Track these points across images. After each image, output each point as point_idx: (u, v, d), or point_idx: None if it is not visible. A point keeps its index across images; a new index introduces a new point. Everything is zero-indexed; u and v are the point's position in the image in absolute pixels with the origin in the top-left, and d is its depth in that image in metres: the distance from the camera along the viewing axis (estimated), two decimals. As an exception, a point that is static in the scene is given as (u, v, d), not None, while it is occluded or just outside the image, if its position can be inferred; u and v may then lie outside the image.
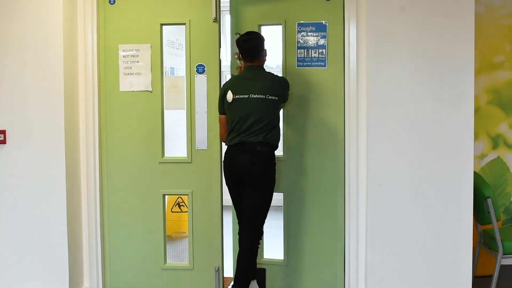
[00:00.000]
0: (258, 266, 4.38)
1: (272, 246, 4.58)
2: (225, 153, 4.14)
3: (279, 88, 4.13)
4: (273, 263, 4.53)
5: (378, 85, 4.00)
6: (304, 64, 4.42)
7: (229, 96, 4.12)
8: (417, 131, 3.99)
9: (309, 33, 4.39)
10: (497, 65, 5.03)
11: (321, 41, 4.35)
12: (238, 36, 4.34)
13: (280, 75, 4.34)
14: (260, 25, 4.46)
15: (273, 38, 4.54)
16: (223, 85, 4.21)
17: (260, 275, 4.40)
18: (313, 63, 4.39)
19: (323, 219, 4.36)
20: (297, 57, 4.42)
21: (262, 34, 4.33)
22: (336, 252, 4.32)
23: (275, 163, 4.11)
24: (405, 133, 3.99)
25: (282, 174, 4.42)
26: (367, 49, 3.99)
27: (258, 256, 4.26)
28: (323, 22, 4.33)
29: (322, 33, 4.34)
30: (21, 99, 4.08)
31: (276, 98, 4.10)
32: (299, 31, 4.43)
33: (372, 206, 4.04)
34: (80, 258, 4.33)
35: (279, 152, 4.41)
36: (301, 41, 4.42)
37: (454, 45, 3.97)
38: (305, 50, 4.41)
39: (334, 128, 4.26)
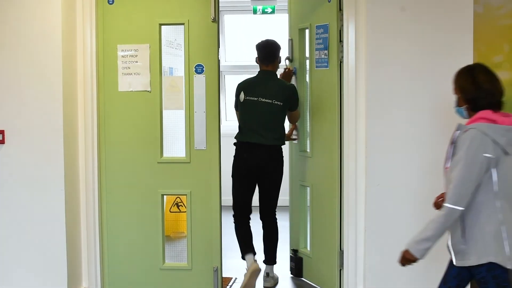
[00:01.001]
0: (298, 255, 4.87)
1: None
2: (237, 148, 4.64)
3: (284, 94, 4.57)
4: (305, 254, 4.82)
5: (377, 85, 4.00)
6: (318, 65, 4.53)
7: (241, 96, 4.65)
8: (416, 131, 3.99)
9: (320, 35, 4.45)
10: (496, 65, 5.00)
11: (326, 42, 4.37)
12: (291, 41, 4.89)
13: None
14: (299, 29, 4.77)
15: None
16: (238, 84, 4.72)
17: (297, 263, 4.83)
18: (322, 64, 4.45)
19: (329, 216, 4.43)
20: (315, 58, 4.53)
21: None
22: (335, 251, 4.34)
23: (283, 156, 4.66)
24: (404, 133, 4.00)
25: (308, 170, 4.72)
26: (366, 50, 3.99)
27: (298, 245, 4.89)
28: (327, 23, 4.34)
29: (326, 35, 4.36)
30: (19, 99, 4.08)
31: (281, 104, 4.55)
32: (316, 33, 4.49)
33: (371, 206, 4.05)
34: (79, 258, 4.32)
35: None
36: (316, 43, 4.50)
37: (453, 46, 3.98)
38: (318, 51, 4.49)
39: (336, 128, 4.29)
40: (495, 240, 2.80)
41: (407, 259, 2.90)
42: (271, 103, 4.53)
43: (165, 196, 4.58)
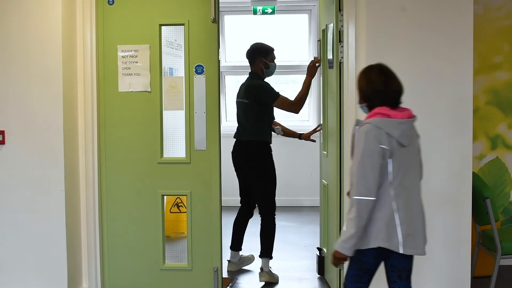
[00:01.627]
0: (321, 254, 4.92)
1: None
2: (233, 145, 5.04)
3: (249, 92, 4.88)
4: (325, 254, 4.85)
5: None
6: (329, 65, 4.54)
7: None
8: (415, 132, 3.99)
9: (329, 35, 4.43)
10: (496, 66, 5.04)
11: (331, 43, 4.37)
12: (319, 42, 4.94)
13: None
14: (322, 30, 4.84)
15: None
16: None
17: (320, 262, 4.92)
18: (330, 65, 4.47)
19: (333, 216, 4.45)
20: (327, 59, 4.56)
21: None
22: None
23: (266, 153, 4.86)
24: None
25: (326, 169, 4.80)
26: (366, 50, 3.98)
27: (323, 245, 4.94)
28: (331, 24, 4.35)
29: (331, 35, 4.36)
30: (20, 99, 4.08)
31: (247, 101, 4.88)
32: (328, 34, 4.48)
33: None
34: (79, 258, 4.33)
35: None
36: (328, 44, 4.52)
37: (453, 46, 3.98)
38: (329, 51, 4.47)
39: (336, 128, 4.30)
40: (387, 227, 2.97)
41: (338, 259, 3.05)
42: (241, 102, 4.94)
43: (165, 197, 4.57)
